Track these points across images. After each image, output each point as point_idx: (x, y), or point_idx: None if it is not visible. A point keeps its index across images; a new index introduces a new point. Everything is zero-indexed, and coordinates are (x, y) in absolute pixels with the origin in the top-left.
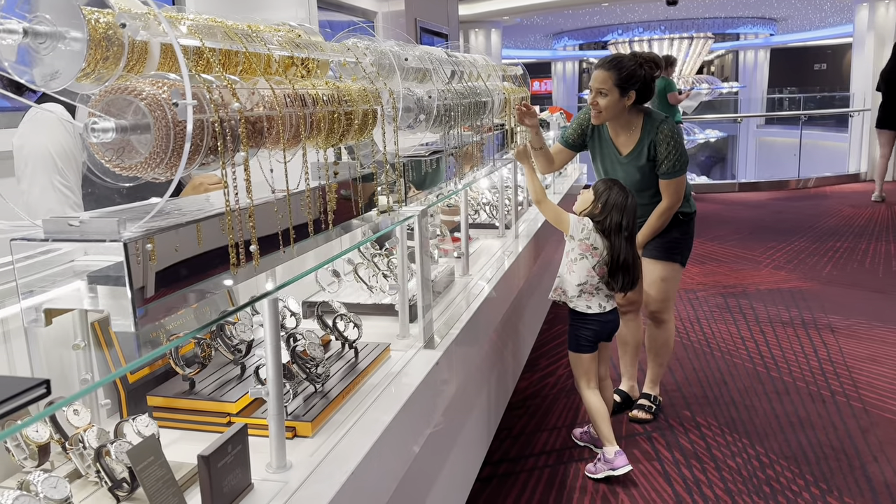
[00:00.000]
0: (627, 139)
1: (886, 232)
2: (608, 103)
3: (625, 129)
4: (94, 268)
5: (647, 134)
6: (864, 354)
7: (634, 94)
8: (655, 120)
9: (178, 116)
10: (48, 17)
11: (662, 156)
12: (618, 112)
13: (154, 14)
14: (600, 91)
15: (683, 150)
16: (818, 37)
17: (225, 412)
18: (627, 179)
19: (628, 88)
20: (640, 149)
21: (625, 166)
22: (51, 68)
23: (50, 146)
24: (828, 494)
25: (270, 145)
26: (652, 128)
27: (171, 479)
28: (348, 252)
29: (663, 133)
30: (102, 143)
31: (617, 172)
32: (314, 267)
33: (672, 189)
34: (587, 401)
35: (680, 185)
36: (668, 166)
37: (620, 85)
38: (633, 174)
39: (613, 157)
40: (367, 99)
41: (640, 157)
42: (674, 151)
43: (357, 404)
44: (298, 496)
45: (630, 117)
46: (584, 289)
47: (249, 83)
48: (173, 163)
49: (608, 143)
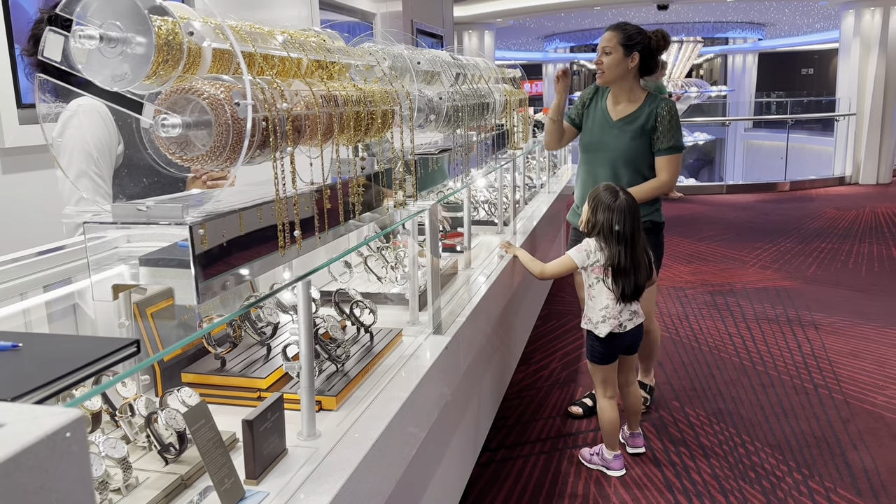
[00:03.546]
0: (626, 107)
1: (869, 234)
2: (611, 62)
3: (627, 97)
4: (135, 254)
5: (648, 105)
6: (845, 350)
7: (638, 56)
8: (659, 97)
9: (239, 115)
10: (118, 24)
11: (663, 129)
12: (621, 73)
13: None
14: (605, 50)
15: (681, 133)
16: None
17: (255, 388)
18: (618, 146)
19: (632, 48)
20: (637, 115)
21: (615, 131)
22: (120, 70)
23: (89, 137)
24: (809, 479)
25: (307, 141)
26: (655, 101)
27: (219, 440)
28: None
29: (668, 105)
30: (168, 137)
31: (605, 141)
32: (341, 255)
33: (669, 167)
34: (601, 408)
35: (676, 165)
36: (666, 142)
37: (624, 44)
38: (624, 141)
39: (603, 123)
40: (387, 100)
41: (636, 121)
42: (675, 128)
43: (375, 383)
44: (329, 460)
45: (634, 86)
46: (608, 313)
47: (286, 83)
48: (230, 155)
49: (603, 111)
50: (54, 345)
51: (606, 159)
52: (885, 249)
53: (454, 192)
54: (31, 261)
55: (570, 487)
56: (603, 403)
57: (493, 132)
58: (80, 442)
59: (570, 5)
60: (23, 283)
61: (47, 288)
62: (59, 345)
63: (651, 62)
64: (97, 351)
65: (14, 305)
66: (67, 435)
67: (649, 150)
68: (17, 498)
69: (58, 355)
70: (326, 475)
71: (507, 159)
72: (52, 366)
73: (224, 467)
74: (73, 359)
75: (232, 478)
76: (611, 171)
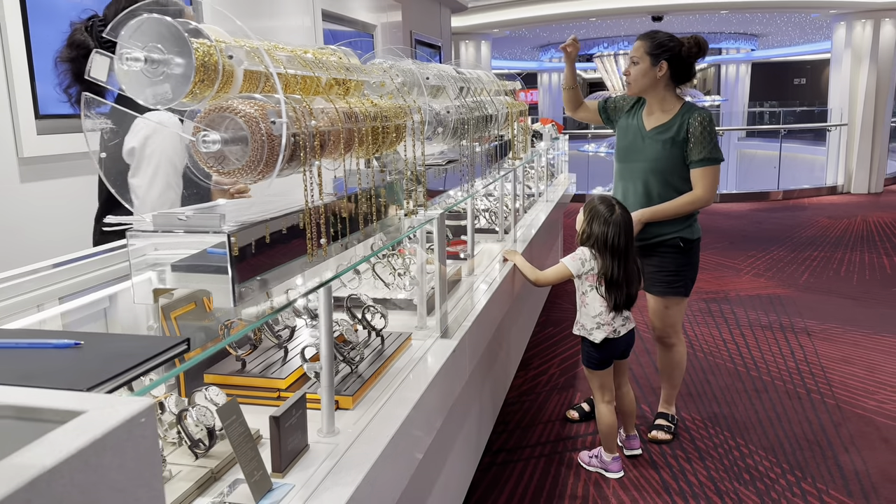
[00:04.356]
0: (660, 116)
1: (861, 242)
2: (638, 71)
3: (660, 107)
4: (163, 261)
5: (682, 115)
6: (837, 356)
7: (666, 65)
8: (695, 107)
9: (274, 132)
10: (160, 47)
11: (695, 139)
12: (649, 83)
13: (254, 47)
14: (633, 60)
15: (717, 144)
16: (798, 52)
17: (275, 388)
18: (649, 156)
19: (659, 57)
20: (670, 125)
21: (647, 141)
22: (162, 89)
23: (170, 150)
24: (802, 481)
25: (329, 154)
26: (689, 111)
27: (249, 435)
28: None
29: (702, 116)
30: (207, 152)
31: (638, 150)
32: (360, 260)
33: (703, 181)
34: (599, 412)
35: (712, 178)
36: (698, 153)
37: (651, 52)
38: (655, 151)
39: (636, 132)
40: (400, 115)
41: (668, 132)
42: (708, 139)
43: (387, 384)
44: (349, 455)
45: (666, 95)
46: (601, 320)
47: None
48: (265, 169)
49: (639, 120)
50: (112, 343)
51: (638, 170)
52: (876, 258)
53: (461, 202)
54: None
55: (569, 489)
56: (601, 408)
57: (495, 143)
58: (151, 426)
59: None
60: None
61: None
62: (116, 343)
63: (683, 70)
64: (153, 348)
65: (52, 310)
66: (142, 420)
67: (682, 162)
68: (102, 474)
69: (118, 351)
70: (347, 469)
71: (508, 169)
72: (115, 361)
73: (253, 460)
74: (133, 354)
75: (261, 470)
76: (642, 184)
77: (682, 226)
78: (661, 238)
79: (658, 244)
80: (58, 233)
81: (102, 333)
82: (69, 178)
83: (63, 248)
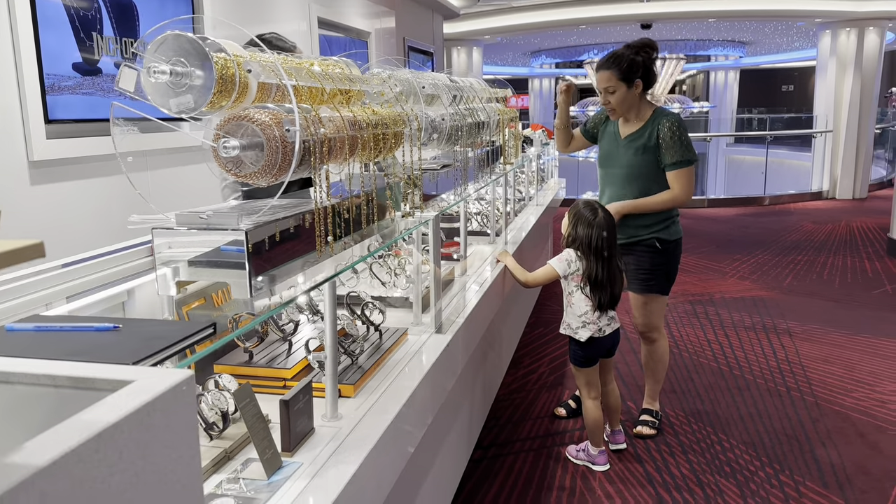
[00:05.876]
0: (634, 123)
1: (844, 247)
2: (618, 98)
3: (634, 115)
4: (177, 258)
5: (652, 121)
6: (818, 356)
7: (640, 82)
8: (665, 112)
9: (288, 139)
10: (182, 60)
11: (666, 144)
12: (631, 104)
13: (270, 61)
14: (607, 90)
15: (690, 145)
16: (785, 59)
17: (281, 378)
18: (623, 163)
19: (633, 78)
20: (642, 132)
21: (622, 148)
22: (185, 99)
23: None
24: (780, 474)
25: (334, 159)
26: (659, 117)
27: (261, 416)
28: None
29: (670, 121)
30: (226, 157)
31: (614, 157)
32: (362, 258)
33: (678, 182)
34: (586, 408)
35: (687, 178)
36: (671, 157)
37: (624, 78)
38: (629, 157)
39: (613, 139)
40: (398, 122)
41: (640, 139)
42: (678, 142)
43: (385, 375)
44: (352, 437)
45: (641, 104)
46: (587, 319)
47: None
48: (278, 173)
49: (615, 127)
50: (147, 326)
51: (617, 175)
52: (857, 262)
53: (454, 205)
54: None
55: (557, 481)
56: (588, 404)
57: (487, 148)
58: (191, 393)
59: (555, 24)
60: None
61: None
62: (151, 326)
63: (651, 77)
64: (184, 331)
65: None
66: (184, 388)
67: (657, 167)
68: (154, 433)
69: (153, 334)
70: (350, 450)
71: (500, 174)
72: (152, 341)
73: (265, 439)
74: (166, 336)
75: (272, 449)
76: (619, 188)
77: (659, 227)
78: (638, 238)
79: (635, 244)
80: (66, 234)
81: (137, 319)
82: (77, 181)
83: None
